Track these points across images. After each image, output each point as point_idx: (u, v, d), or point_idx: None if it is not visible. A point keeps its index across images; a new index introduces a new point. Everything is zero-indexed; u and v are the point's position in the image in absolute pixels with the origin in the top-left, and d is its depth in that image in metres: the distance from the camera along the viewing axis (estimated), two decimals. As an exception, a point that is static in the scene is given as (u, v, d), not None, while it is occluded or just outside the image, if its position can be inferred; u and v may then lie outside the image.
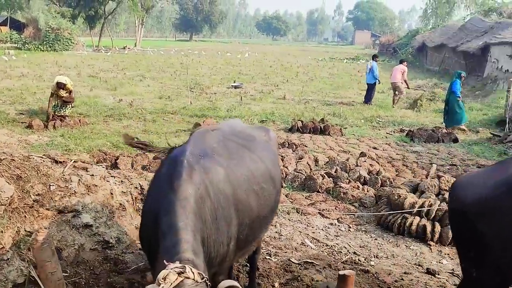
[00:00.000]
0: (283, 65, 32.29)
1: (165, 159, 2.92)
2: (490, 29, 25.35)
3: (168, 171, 2.61)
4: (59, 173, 3.93)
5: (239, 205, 2.75)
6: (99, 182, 4.21)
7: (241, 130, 3.49)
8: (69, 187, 3.90)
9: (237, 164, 2.88)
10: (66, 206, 3.80)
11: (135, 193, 4.73)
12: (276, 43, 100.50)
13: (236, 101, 15.36)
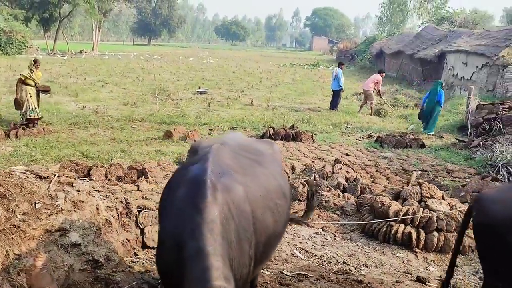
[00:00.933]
0: (246, 71, 32.33)
1: (180, 177, 2.73)
2: (444, 37, 26.44)
3: (191, 191, 2.47)
4: (44, 189, 3.70)
5: (257, 224, 2.66)
6: (86, 197, 4.00)
7: (248, 144, 3.40)
8: (55, 204, 3.67)
9: (252, 181, 2.79)
10: (53, 224, 3.57)
11: (120, 208, 4.53)
12: (236, 48, 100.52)
13: (203, 108, 15.19)
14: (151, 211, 4.89)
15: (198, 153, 3.16)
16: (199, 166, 2.64)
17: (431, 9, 52.04)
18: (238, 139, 3.53)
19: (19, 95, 10.50)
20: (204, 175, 2.49)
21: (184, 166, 3.01)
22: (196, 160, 2.81)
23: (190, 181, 2.57)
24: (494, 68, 16.80)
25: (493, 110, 11.80)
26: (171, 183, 2.83)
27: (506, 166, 8.44)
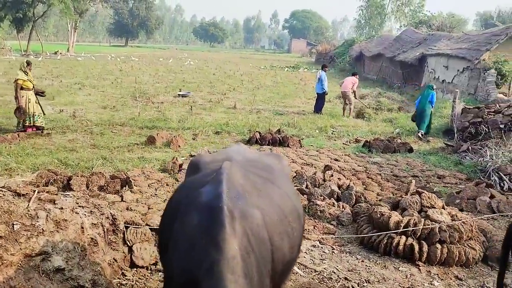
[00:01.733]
0: (226, 73, 32.02)
1: (190, 201, 2.36)
2: (423, 40, 26.69)
3: (205, 220, 2.12)
4: (23, 208, 3.31)
5: (275, 253, 2.35)
6: (69, 215, 3.62)
7: (256, 159, 3.08)
8: (36, 225, 3.29)
9: (268, 204, 2.47)
10: (34, 248, 3.20)
11: (107, 224, 4.17)
12: (214, 50, 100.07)
13: (186, 111, 14.80)
14: (140, 227, 4.54)
15: (202, 170, 2.84)
16: (212, 189, 2.29)
17: (408, 12, 52.74)
18: (244, 153, 3.21)
19: (21, 102, 9.95)
20: (220, 200, 2.17)
21: (190, 186, 2.66)
22: (205, 181, 2.47)
23: (203, 208, 2.22)
24: (475, 72, 16.93)
25: (478, 114, 11.80)
26: (179, 206, 2.44)
27: (497, 171, 8.36)
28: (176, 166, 8.07)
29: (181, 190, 2.78)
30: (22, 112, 10.01)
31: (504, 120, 11.26)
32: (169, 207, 2.69)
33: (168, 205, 2.78)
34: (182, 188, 2.82)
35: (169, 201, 2.83)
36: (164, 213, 2.80)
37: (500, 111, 11.57)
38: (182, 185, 2.92)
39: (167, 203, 2.88)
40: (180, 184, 3.00)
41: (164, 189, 7.17)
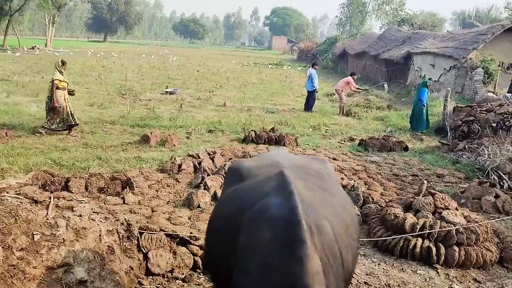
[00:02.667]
0: (210, 70, 31.67)
1: (255, 215, 2.15)
2: (408, 38, 26.89)
3: (281, 236, 1.94)
4: (42, 217, 3.08)
5: (344, 267, 2.20)
6: (88, 223, 3.40)
7: (305, 164, 2.89)
8: (57, 234, 3.07)
9: (333, 215, 2.29)
10: (55, 259, 2.97)
11: (122, 231, 3.96)
12: (195, 46, 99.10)
13: (175, 109, 14.53)
14: (155, 233, 4.34)
15: (248, 178, 2.65)
16: (284, 200, 2.09)
17: (389, 11, 53.24)
18: (290, 158, 3.02)
19: (58, 102, 9.86)
20: (296, 214, 1.98)
21: (245, 196, 2.41)
22: (264, 191, 2.27)
23: (278, 222, 2.03)
24: (462, 70, 17.11)
25: (471, 113, 11.89)
26: (238, 220, 2.19)
27: (496, 170, 8.41)
28: (175, 166, 7.86)
29: (233, 201, 2.55)
30: (56, 112, 9.89)
31: (496, 119, 11.37)
32: (221, 221, 2.48)
33: (216, 219, 2.58)
34: (233, 199, 2.58)
35: (216, 214, 2.64)
36: (212, 228, 2.60)
37: (492, 109, 11.68)
38: (231, 195, 2.66)
39: (214, 216, 2.68)
40: (225, 194, 2.78)
41: (166, 190, 6.94)
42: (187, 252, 4.39)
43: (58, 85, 9.89)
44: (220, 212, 2.61)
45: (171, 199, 6.63)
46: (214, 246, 2.54)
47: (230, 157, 8.77)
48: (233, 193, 2.61)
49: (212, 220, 2.69)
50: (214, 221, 2.62)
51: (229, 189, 2.74)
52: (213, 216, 2.71)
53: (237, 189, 2.60)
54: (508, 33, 17.09)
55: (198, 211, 6.21)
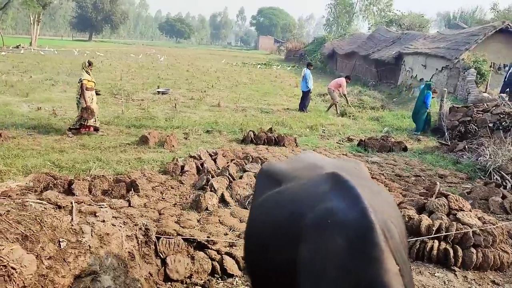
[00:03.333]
0: (200, 70, 31.44)
1: (317, 221, 2.03)
2: (397, 39, 27.05)
3: (356, 242, 1.85)
4: (66, 223, 2.93)
5: (410, 268, 2.11)
6: (111, 229, 3.26)
7: (343, 166, 2.78)
8: (82, 241, 2.92)
9: (392, 216, 2.19)
10: (83, 268, 2.83)
11: (140, 236, 3.82)
12: (181, 45, 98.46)
13: (170, 109, 14.35)
14: (172, 237, 4.20)
15: (287, 181, 2.53)
16: (351, 205, 1.98)
17: (377, 11, 53.60)
18: (325, 160, 2.92)
19: (89, 102, 9.91)
20: (368, 218, 1.87)
21: (293, 201, 2.31)
22: (322, 195, 2.15)
23: (349, 227, 1.90)
24: (455, 71, 17.25)
25: (468, 113, 11.96)
26: (294, 227, 2.07)
27: (498, 170, 8.44)
28: (177, 168, 7.70)
29: (280, 206, 2.40)
30: (90, 112, 9.93)
31: (493, 119, 11.45)
32: (269, 227, 2.34)
33: (261, 225, 2.44)
34: (280, 203, 2.42)
35: (259, 219, 2.49)
36: (257, 235, 2.47)
37: (488, 110, 11.77)
38: (274, 200, 2.51)
39: (257, 221, 2.54)
40: (263, 198, 2.63)
41: (171, 192, 6.79)
42: (205, 257, 4.26)
43: (86, 85, 9.91)
44: (264, 217, 2.47)
45: (177, 201, 6.48)
46: (260, 253, 2.42)
47: (232, 158, 8.65)
48: (276, 197, 2.48)
49: (254, 225, 2.56)
50: (258, 227, 2.48)
51: (265, 193, 2.62)
52: (254, 221, 2.57)
53: (280, 192, 2.47)
54: (499, 34, 17.29)
55: (206, 213, 6.07)
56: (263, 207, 2.54)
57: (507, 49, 17.41)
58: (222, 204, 6.42)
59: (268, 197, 2.56)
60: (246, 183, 7.01)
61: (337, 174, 2.22)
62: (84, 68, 10.12)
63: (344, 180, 2.15)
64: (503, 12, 38.13)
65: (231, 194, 6.62)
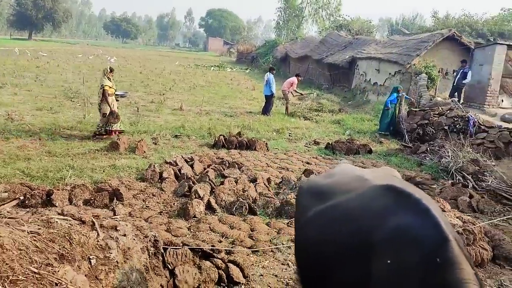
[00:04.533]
0: (153, 72, 30.87)
1: (386, 237, 2.14)
2: (349, 44, 27.92)
3: (434, 256, 1.92)
4: (93, 239, 2.84)
5: None
6: (132, 243, 3.20)
7: (386, 175, 2.90)
8: (110, 257, 2.84)
9: (449, 224, 2.33)
10: (114, 284, 2.75)
11: (151, 248, 3.76)
12: (128, 46, 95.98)
13: (131, 113, 14.02)
14: (179, 248, 4.17)
15: (333, 196, 2.60)
16: (423, 220, 2.08)
17: (326, 16, 55.02)
18: (366, 171, 3.02)
19: (112, 107, 10.26)
20: (443, 232, 1.98)
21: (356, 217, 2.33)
22: (385, 209, 2.23)
23: (426, 243, 1.99)
24: (407, 75, 18.08)
25: (425, 116, 12.61)
26: (364, 245, 2.14)
27: (460, 171, 8.98)
28: (156, 175, 7.59)
29: (338, 222, 2.43)
30: (115, 117, 10.26)
31: (448, 122, 12.16)
32: (329, 244, 2.38)
33: (318, 242, 2.47)
34: (339, 220, 2.45)
35: (314, 236, 2.53)
36: (312, 255, 2.50)
37: (443, 113, 12.47)
38: (329, 215, 2.53)
39: (311, 238, 2.57)
40: (313, 213, 2.65)
41: (153, 200, 6.68)
42: (212, 266, 4.26)
43: (108, 91, 10.17)
44: (319, 234, 2.50)
45: (162, 209, 6.39)
46: (319, 268, 2.46)
47: (209, 164, 8.63)
48: (329, 213, 2.53)
49: (307, 242, 2.59)
50: (313, 244, 2.52)
51: (312, 209, 2.68)
52: (307, 238, 2.60)
53: (334, 208, 2.53)
54: (446, 42, 18.32)
55: (195, 221, 6.04)
56: (316, 223, 2.59)
57: (453, 56, 18.48)
58: (209, 211, 6.41)
59: (319, 213, 2.61)
60: (229, 189, 7.02)
61: (394, 186, 2.33)
62: (105, 74, 10.32)
63: (406, 193, 2.25)
64: (442, 19, 40.31)
65: (216, 201, 6.61)
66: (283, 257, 5.11)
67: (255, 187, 7.25)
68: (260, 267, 4.83)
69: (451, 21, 37.16)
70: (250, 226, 5.95)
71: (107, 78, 10.25)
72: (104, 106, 10.20)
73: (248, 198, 6.71)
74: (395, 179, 2.77)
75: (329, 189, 2.73)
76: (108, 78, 10.27)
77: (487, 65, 16.07)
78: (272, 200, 6.62)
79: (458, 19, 37.32)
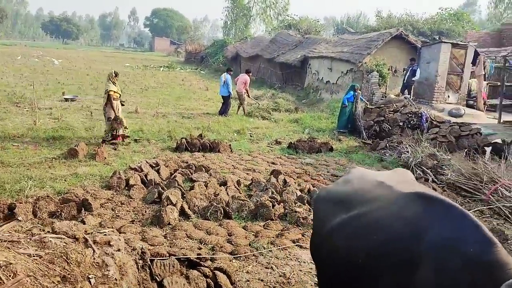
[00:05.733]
0: (101, 74, 29.78)
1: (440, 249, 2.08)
2: (299, 43, 28.34)
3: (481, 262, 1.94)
4: (89, 257, 2.66)
5: None
6: (126, 257, 3.04)
7: (405, 180, 2.91)
8: (109, 275, 2.68)
9: None
10: (115, 305, 2.61)
11: (140, 261, 3.61)
12: (70, 47, 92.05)
13: (85, 117, 13.47)
14: (166, 259, 4.03)
15: (354, 207, 2.58)
16: (465, 225, 2.07)
17: (273, 15, 55.53)
18: (384, 176, 2.99)
19: (117, 112, 10.19)
20: (488, 236, 2.01)
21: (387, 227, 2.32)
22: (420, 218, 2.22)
23: (471, 248, 2.01)
24: (359, 74, 18.58)
25: (381, 113, 13.01)
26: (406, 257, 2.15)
27: (419, 165, 9.34)
28: (122, 182, 7.31)
29: (366, 232, 2.40)
30: (119, 122, 10.15)
31: (402, 118, 12.62)
32: (359, 256, 2.36)
33: (346, 255, 2.44)
34: (364, 229, 2.43)
35: (340, 249, 2.49)
36: (342, 265, 2.47)
37: (398, 110, 12.93)
38: (355, 226, 2.52)
39: (335, 252, 2.53)
40: (337, 224, 2.61)
41: (123, 208, 6.43)
42: (200, 275, 4.15)
43: (113, 96, 10.10)
44: (349, 243, 2.47)
45: (134, 218, 6.17)
46: (350, 277, 2.44)
47: (175, 168, 8.44)
48: (358, 222, 2.49)
49: (336, 252, 2.56)
50: (343, 254, 2.49)
51: (335, 219, 2.66)
52: (335, 248, 2.57)
53: (363, 217, 2.49)
54: (394, 40, 19.00)
55: (169, 228, 5.87)
56: (344, 232, 2.55)
57: (401, 54, 19.20)
58: (183, 217, 6.26)
59: (346, 222, 2.58)
60: (200, 193, 6.90)
61: (424, 193, 2.35)
62: (110, 79, 10.29)
63: (439, 199, 2.27)
64: (386, 18, 41.83)
65: (189, 206, 6.47)
66: (266, 261, 5.08)
67: (226, 191, 7.16)
68: (244, 272, 4.77)
69: (394, 20, 38.57)
70: (227, 231, 5.87)
71: (112, 83, 10.23)
72: (109, 110, 10.15)
73: (221, 202, 6.62)
74: (417, 185, 2.81)
75: (352, 197, 2.72)
76: (113, 83, 10.24)
77: (433, 63, 16.86)
78: (246, 203, 6.56)
79: (400, 18, 38.80)
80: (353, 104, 13.60)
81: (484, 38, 30.98)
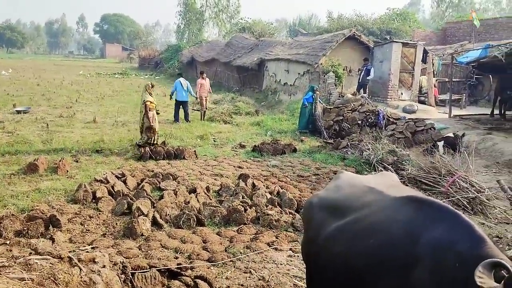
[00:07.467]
0: (52, 83, 28.85)
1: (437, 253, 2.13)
2: (255, 46, 28.54)
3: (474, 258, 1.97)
4: (76, 276, 2.63)
5: None
6: (111, 273, 3.01)
7: (394, 183, 3.02)
8: (98, 293, 2.66)
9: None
10: (107, 323, 2.58)
11: (123, 276, 3.58)
12: (15, 56, 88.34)
13: (40, 130, 13.02)
14: (147, 271, 4.00)
15: (349, 213, 2.67)
16: (458, 226, 2.16)
17: (226, 19, 55.59)
18: (370, 181, 3.07)
19: (152, 121, 10.63)
20: (479, 234, 2.10)
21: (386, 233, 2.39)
22: (414, 223, 2.30)
23: (465, 247, 2.08)
24: (315, 75, 18.99)
25: (340, 113, 13.36)
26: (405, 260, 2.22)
27: (381, 162, 9.68)
28: (88, 195, 7.15)
29: (363, 237, 2.48)
30: (152, 132, 10.69)
31: (360, 117, 13.02)
32: (358, 261, 2.44)
33: (343, 260, 2.52)
34: (361, 235, 2.51)
35: (336, 255, 2.55)
36: (341, 271, 2.53)
37: (356, 109, 13.32)
38: (351, 231, 2.60)
39: (331, 259, 2.60)
40: (332, 231, 2.68)
41: (92, 222, 6.28)
42: (182, 285, 4.15)
43: (149, 106, 10.54)
44: (346, 249, 2.52)
45: (105, 231, 6.05)
46: (350, 282, 2.51)
47: (142, 178, 8.33)
48: (353, 228, 2.56)
49: (332, 259, 2.62)
50: (340, 260, 2.56)
51: (329, 225, 2.73)
52: (331, 254, 2.64)
53: (358, 222, 2.56)
54: (348, 41, 19.54)
55: (143, 239, 5.80)
56: (341, 238, 2.62)
57: (355, 54, 19.77)
58: (155, 227, 6.20)
59: (341, 229, 2.67)
60: (170, 202, 6.86)
61: (415, 197, 2.47)
62: (147, 90, 10.75)
63: (429, 202, 2.38)
64: (337, 19, 42.86)
65: (160, 216, 6.42)
66: (244, 265, 5.13)
67: (196, 198, 7.15)
68: (224, 278, 4.80)
69: (344, 21, 39.58)
70: (201, 238, 5.87)
71: (149, 94, 10.67)
72: (146, 120, 10.59)
73: (192, 210, 6.61)
74: (406, 188, 2.93)
75: (346, 204, 2.79)
76: (150, 93, 10.68)
77: (386, 62, 17.49)
78: (218, 209, 6.59)
79: (351, 19, 39.86)
80: (312, 105, 13.86)
81: (430, 36, 32.47)
